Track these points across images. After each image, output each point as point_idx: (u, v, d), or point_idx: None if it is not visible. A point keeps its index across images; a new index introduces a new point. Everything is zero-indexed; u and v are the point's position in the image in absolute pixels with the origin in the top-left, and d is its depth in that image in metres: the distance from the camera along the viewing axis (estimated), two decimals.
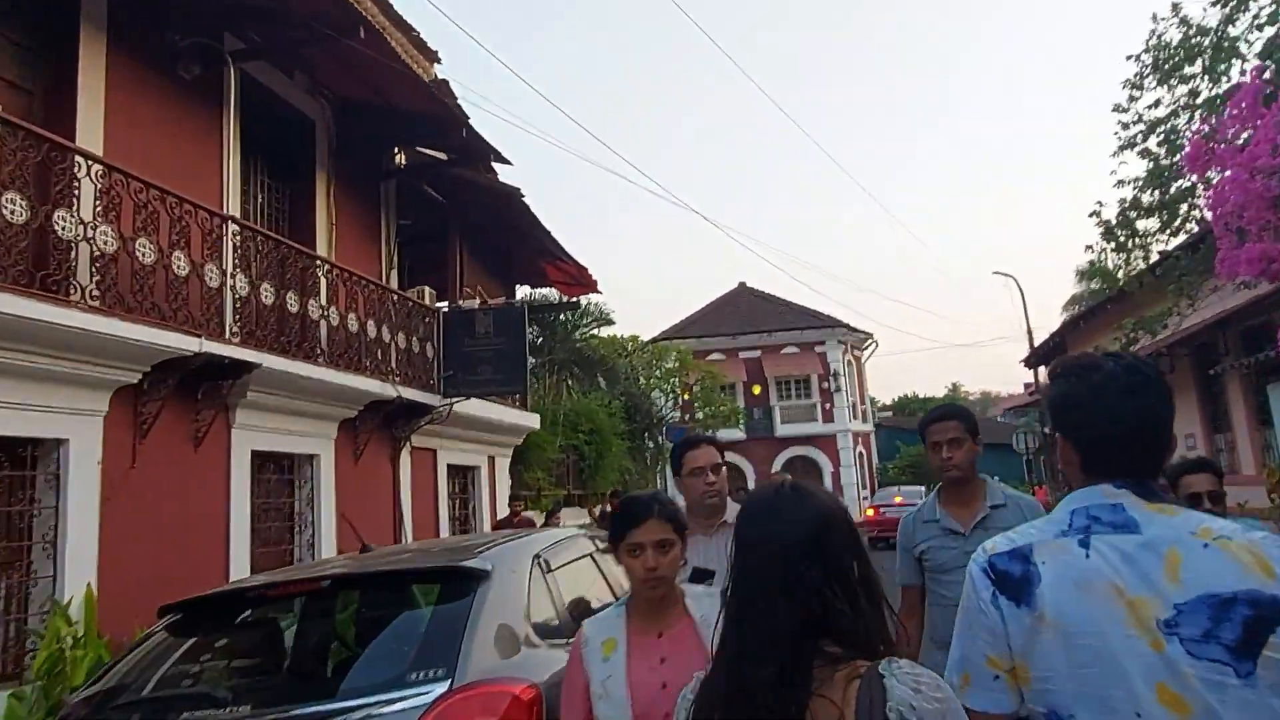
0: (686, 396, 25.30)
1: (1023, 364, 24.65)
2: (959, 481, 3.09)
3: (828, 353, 35.20)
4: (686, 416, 23.78)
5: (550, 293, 16.94)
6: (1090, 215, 11.10)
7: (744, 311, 37.21)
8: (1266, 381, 9.48)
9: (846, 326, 36.02)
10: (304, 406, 8.35)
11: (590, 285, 14.90)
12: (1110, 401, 1.41)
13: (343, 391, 8.67)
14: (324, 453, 8.88)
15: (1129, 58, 11.12)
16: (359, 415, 9.32)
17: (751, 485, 34.65)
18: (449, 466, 11.67)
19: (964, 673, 1.44)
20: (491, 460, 13.05)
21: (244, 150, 8.51)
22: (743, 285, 39.84)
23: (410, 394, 9.80)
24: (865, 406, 38.82)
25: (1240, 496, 12.72)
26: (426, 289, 11.04)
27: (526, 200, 11.33)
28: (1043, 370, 27.71)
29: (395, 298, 10.16)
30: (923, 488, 28.16)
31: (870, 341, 38.06)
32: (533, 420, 13.70)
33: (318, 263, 8.70)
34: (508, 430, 12.98)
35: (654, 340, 30.95)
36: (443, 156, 11.00)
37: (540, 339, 18.34)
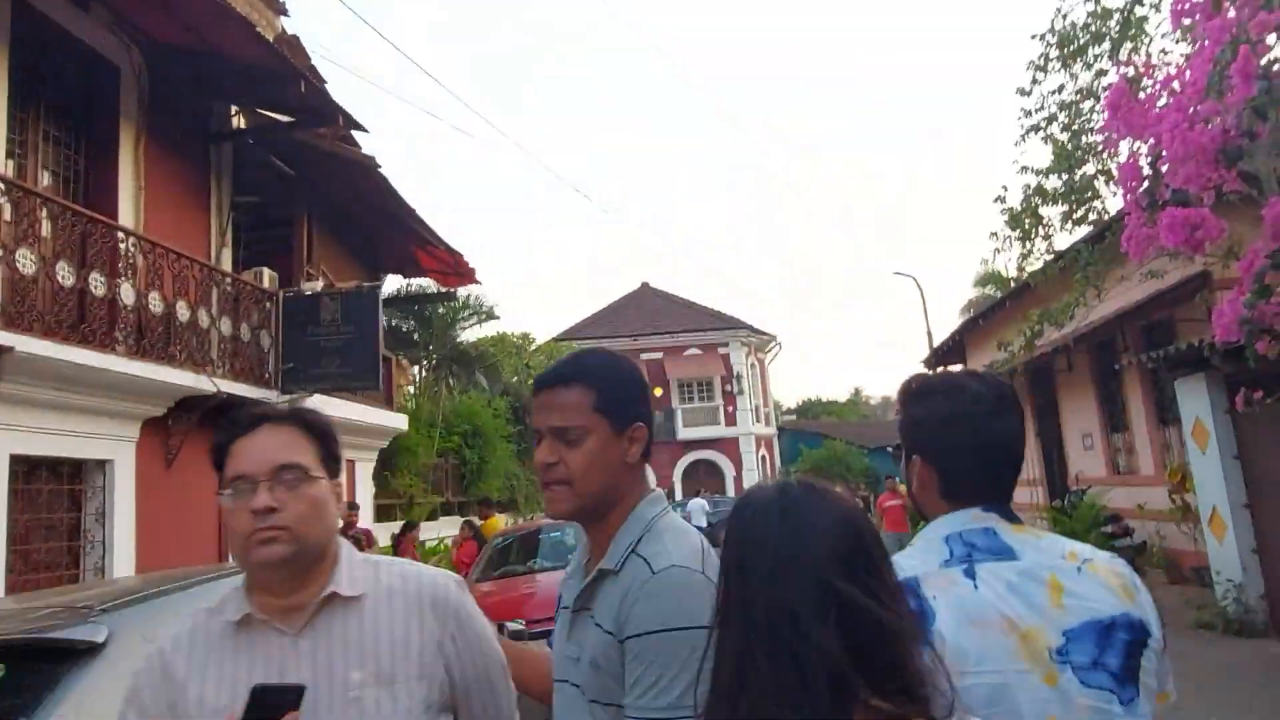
0: None
1: (924, 365, 24.42)
2: (568, 515, 1.49)
3: (731, 354, 34.74)
4: None
5: (428, 284, 15.58)
6: (995, 200, 10.53)
7: (646, 312, 36.46)
8: (1173, 376, 8.95)
9: (749, 328, 35.63)
10: (89, 402, 6.91)
11: (468, 275, 13.66)
12: (979, 423, 1.35)
13: (141, 384, 7.25)
14: (120, 457, 7.43)
15: (1034, 37, 10.58)
16: (170, 413, 7.90)
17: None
18: None
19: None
20: (351, 466, 11.68)
21: (17, 93, 7.03)
22: (645, 285, 39.11)
23: (237, 388, 8.41)
24: (768, 409, 38.50)
25: (1139, 498, 12.39)
26: (266, 271, 9.65)
27: (384, 173, 10.04)
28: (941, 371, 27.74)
29: (224, 279, 8.75)
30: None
31: (774, 343, 37.82)
32: (399, 421, 12.38)
33: (117, 233, 7.27)
34: (370, 432, 11.63)
35: (554, 340, 29.74)
36: (288, 119, 9.62)
37: (416, 334, 16.98)
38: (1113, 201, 10.89)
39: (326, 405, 9.96)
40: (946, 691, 1.05)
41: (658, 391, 34.05)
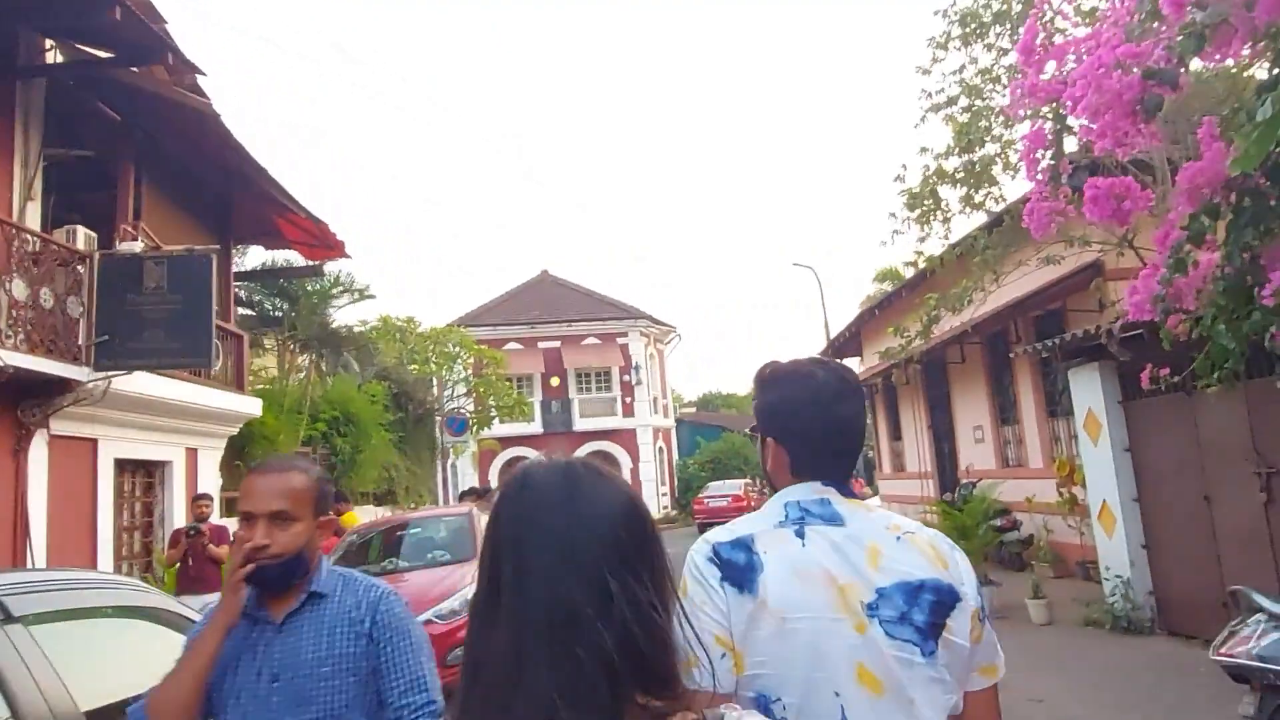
0: (480, 386, 23.07)
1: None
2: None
3: (630, 344, 34.13)
4: (466, 408, 21.62)
5: (295, 257, 14.28)
6: (895, 180, 10.10)
7: (545, 300, 35.49)
8: (1067, 366, 8.66)
9: (649, 318, 35.10)
10: None
11: (335, 248, 12.51)
12: (823, 408, 1.49)
13: None
14: None
15: (936, 13, 10.19)
16: None
17: None
18: (118, 461, 9.02)
19: (690, 655, 1.19)
20: (193, 454, 10.46)
21: None
22: (545, 273, 38.11)
23: (34, 363, 7.21)
24: (667, 401, 38.09)
25: (1028, 491, 12.25)
26: (81, 230, 8.40)
27: (226, 125, 8.87)
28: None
29: (20, 235, 7.50)
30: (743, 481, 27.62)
31: (673, 334, 37.41)
32: (251, 405, 11.19)
33: None
34: (213, 416, 10.44)
35: (450, 327, 28.56)
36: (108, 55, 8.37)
37: (280, 312, 15.65)
38: (1011, 187, 10.61)
39: (154, 384, 8.79)
40: (709, 686, 1.18)
41: (555, 382, 33.23)
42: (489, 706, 0.94)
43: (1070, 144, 5.88)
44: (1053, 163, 5.26)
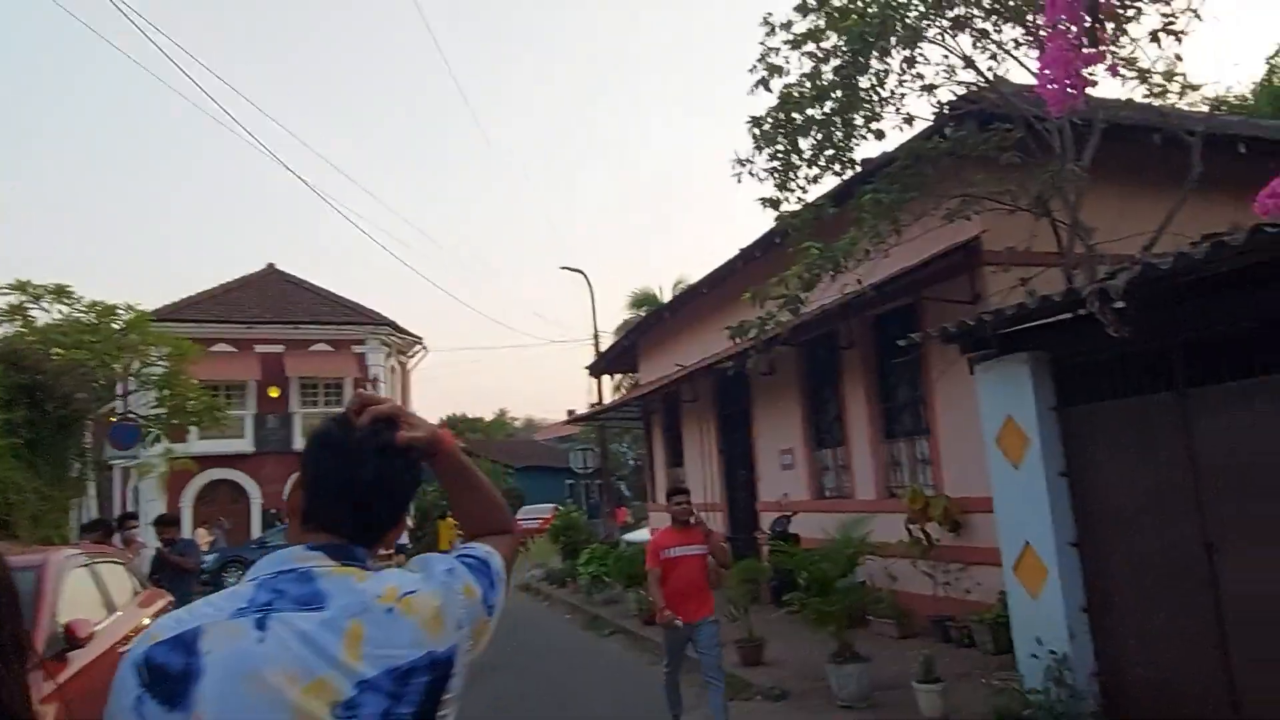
0: (162, 384, 17.81)
1: (589, 373, 21.58)
2: None
3: (368, 354, 29.80)
4: (135, 413, 16.57)
5: None
6: (749, 122, 7.47)
7: (269, 297, 30.25)
8: (978, 359, 6.36)
9: (392, 325, 30.93)
10: None
11: None
12: (330, 462, 1.37)
13: None
14: None
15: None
16: None
17: (257, 512, 27.77)
18: None
19: None
20: None
21: None
22: (272, 267, 32.68)
23: None
24: None
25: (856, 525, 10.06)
26: None
27: None
28: (608, 380, 25.35)
29: None
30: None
31: (419, 347, 33.36)
32: None
33: None
34: None
35: (149, 318, 22.64)
36: None
37: None
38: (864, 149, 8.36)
39: None
40: None
41: (274, 392, 28.16)
42: None
43: None
44: None
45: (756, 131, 7.40)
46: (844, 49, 7.56)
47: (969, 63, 7.43)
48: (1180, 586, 5.18)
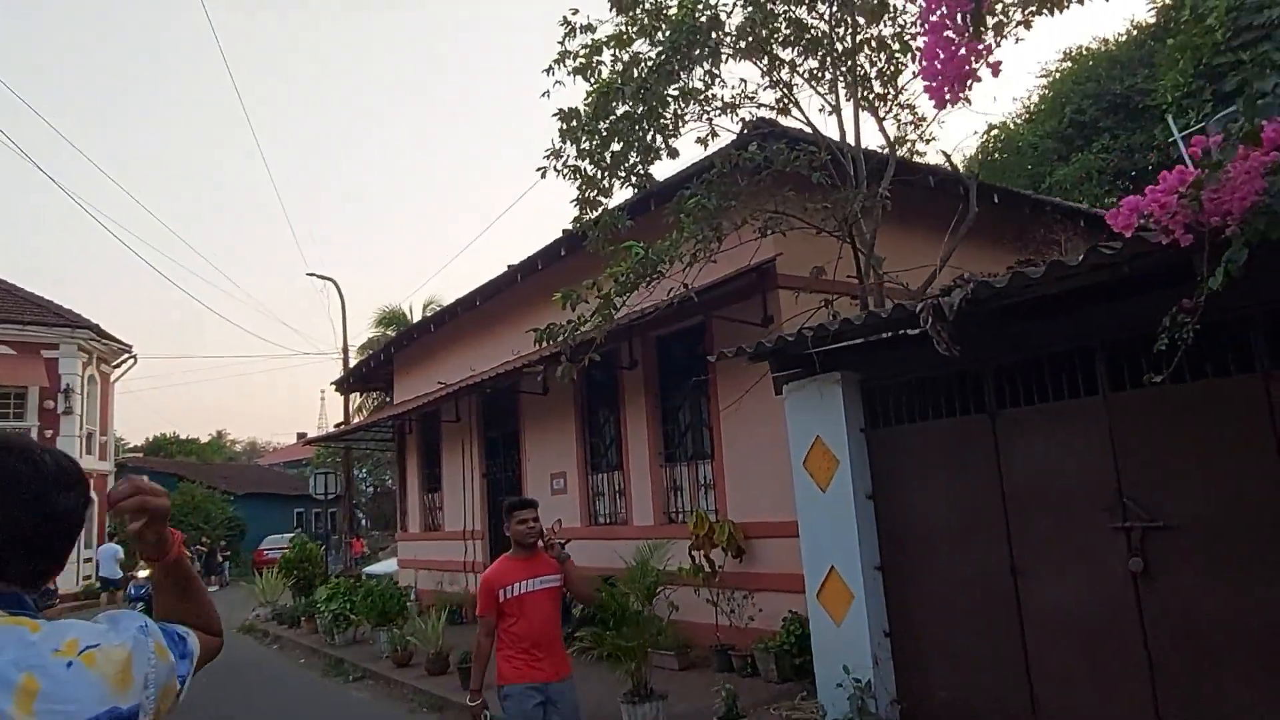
0: None
1: (336, 389, 19.76)
2: None
3: (61, 360, 25.66)
4: None
5: None
6: (556, 115, 6.89)
7: None
8: (785, 379, 6.19)
9: (95, 329, 26.91)
10: None
11: None
12: (12, 503, 1.24)
13: None
14: None
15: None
16: None
17: None
18: None
19: None
20: None
21: None
22: None
23: None
24: (107, 440, 29.51)
25: (627, 553, 9.66)
26: None
27: None
28: (355, 397, 23.37)
29: None
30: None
31: (127, 357, 29.29)
32: None
33: None
34: None
35: None
36: None
37: None
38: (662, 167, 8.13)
39: None
40: None
41: None
42: None
43: None
44: None
45: (564, 126, 6.86)
46: (650, 57, 7.27)
47: (776, 84, 7.39)
48: (986, 608, 5.22)
